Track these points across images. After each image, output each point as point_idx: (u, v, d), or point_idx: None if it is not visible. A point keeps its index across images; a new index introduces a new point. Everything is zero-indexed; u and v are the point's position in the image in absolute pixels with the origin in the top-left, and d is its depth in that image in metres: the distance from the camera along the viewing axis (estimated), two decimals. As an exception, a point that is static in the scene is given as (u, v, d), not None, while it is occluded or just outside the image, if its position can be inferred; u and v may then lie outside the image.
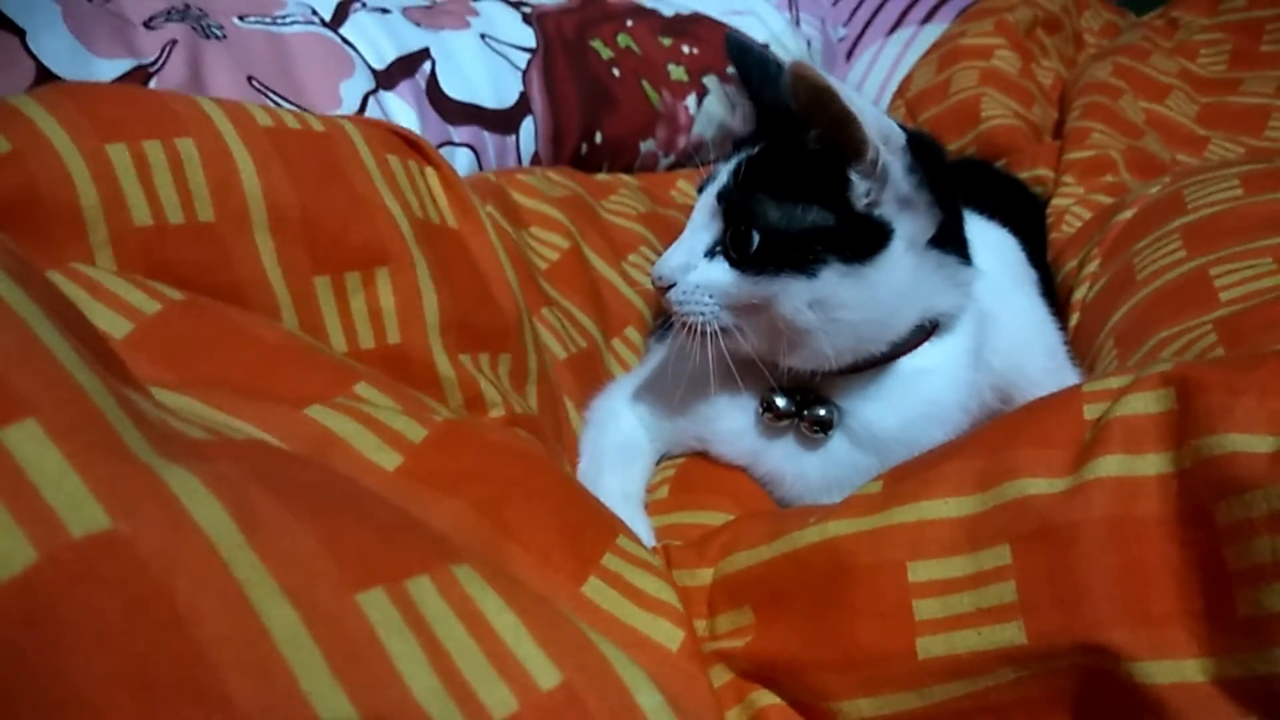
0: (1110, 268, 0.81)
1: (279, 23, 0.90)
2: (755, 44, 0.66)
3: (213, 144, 0.51)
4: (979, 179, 1.03)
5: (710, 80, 1.23)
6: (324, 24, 0.93)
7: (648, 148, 1.18)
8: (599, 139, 1.12)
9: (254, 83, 0.83)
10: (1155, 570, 0.40)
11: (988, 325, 0.64)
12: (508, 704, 0.30)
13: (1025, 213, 0.98)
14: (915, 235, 0.58)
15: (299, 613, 0.28)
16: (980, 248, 0.64)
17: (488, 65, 1.03)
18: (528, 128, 1.04)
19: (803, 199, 0.56)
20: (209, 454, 0.32)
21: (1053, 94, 1.35)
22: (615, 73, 1.15)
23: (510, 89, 1.04)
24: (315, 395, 0.44)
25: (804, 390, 0.62)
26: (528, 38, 1.10)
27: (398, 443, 0.43)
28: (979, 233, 0.65)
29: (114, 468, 0.28)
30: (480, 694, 0.30)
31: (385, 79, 0.93)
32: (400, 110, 0.92)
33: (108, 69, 0.75)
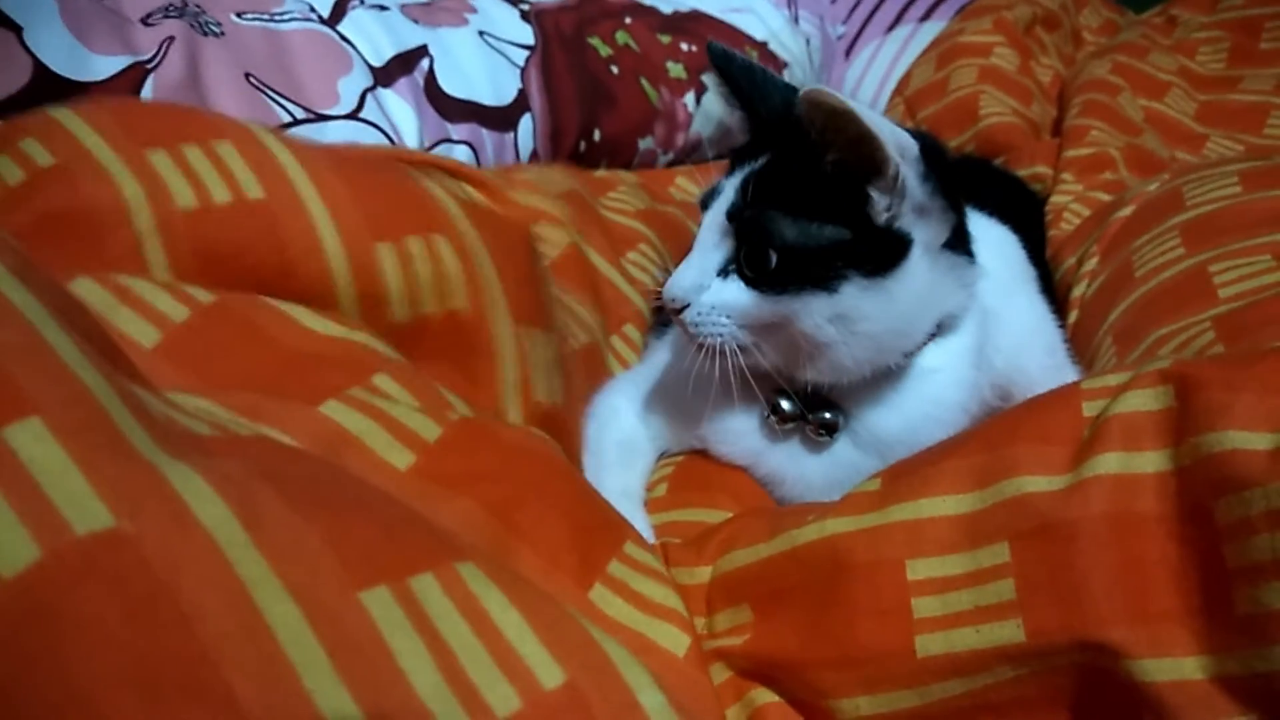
0: (1109, 265, 0.81)
1: (277, 20, 0.89)
2: (738, 53, 0.66)
3: (252, 144, 0.52)
4: (978, 177, 1.03)
5: (709, 78, 1.23)
6: (322, 21, 0.93)
7: (646, 145, 1.18)
8: (597, 136, 1.12)
9: (251, 80, 0.82)
10: (1154, 568, 0.40)
11: (990, 323, 0.64)
12: (511, 702, 0.30)
13: (1024, 210, 0.98)
14: (931, 241, 0.58)
15: (302, 610, 0.28)
16: (982, 245, 0.64)
17: (486, 62, 1.03)
18: (526, 125, 1.04)
19: (819, 215, 0.56)
20: (214, 450, 0.32)
21: (1051, 91, 1.35)
22: (614, 70, 1.15)
23: (508, 86, 1.04)
24: (332, 389, 0.43)
25: (810, 393, 0.62)
26: (526, 35, 1.10)
27: (412, 441, 0.43)
28: (980, 230, 0.65)
29: (118, 466, 0.28)
30: (484, 692, 0.30)
31: (383, 76, 0.93)
32: (398, 107, 0.92)
33: (105, 65, 0.74)
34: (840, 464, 0.62)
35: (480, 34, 1.06)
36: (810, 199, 0.56)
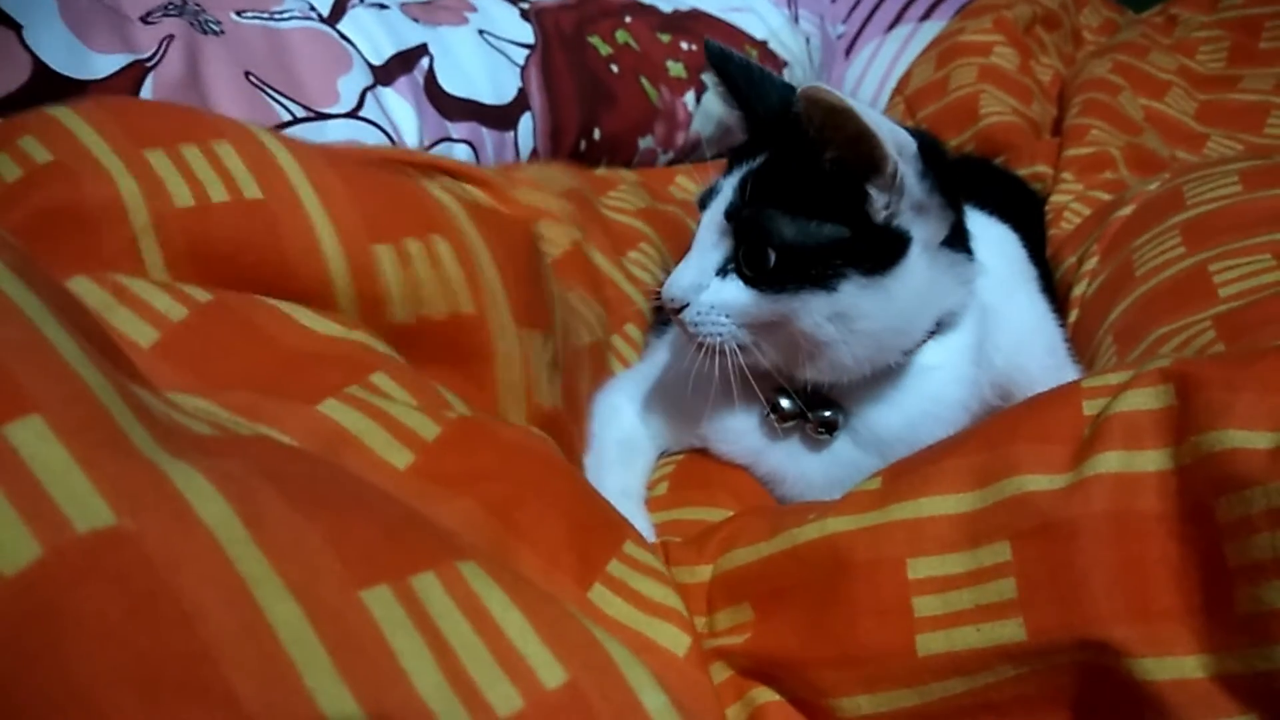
0: (1109, 264, 0.81)
1: (276, 18, 0.89)
2: (735, 52, 0.66)
3: (251, 145, 0.52)
4: (978, 176, 1.04)
5: (709, 77, 1.23)
6: (321, 20, 0.93)
7: (646, 144, 1.18)
8: (597, 135, 1.12)
9: (251, 78, 0.82)
10: (1155, 567, 0.40)
11: (990, 321, 0.64)
12: (513, 702, 0.30)
13: (1024, 210, 0.98)
14: (930, 239, 0.58)
15: (303, 609, 0.28)
16: (982, 244, 0.64)
17: (486, 61, 1.03)
18: (526, 124, 1.04)
19: (817, 214, 0.56)
20: (215, 450, 0.32)
21: (1051, 91, 1.35)
22: (614, 69, 1.15)
23: (508, 85, 1.04)
24: (331, 388, 0.43)
25: (810, 392, 0.62)
26: (526, 34, 1.10)
27: (410, 440, 0.43)
28: (981, 229, 0.65)
29: (119, 464, 0.28)
30: (485, 691, 0.30)
31: (383, 75, 0.93)
32: (398, 106, 0.92)
33: (104, 64, 0.74)
34: (840, 462, 0.62)
35: (480, 33, 1.06)
36: (809, 197, 0.56)
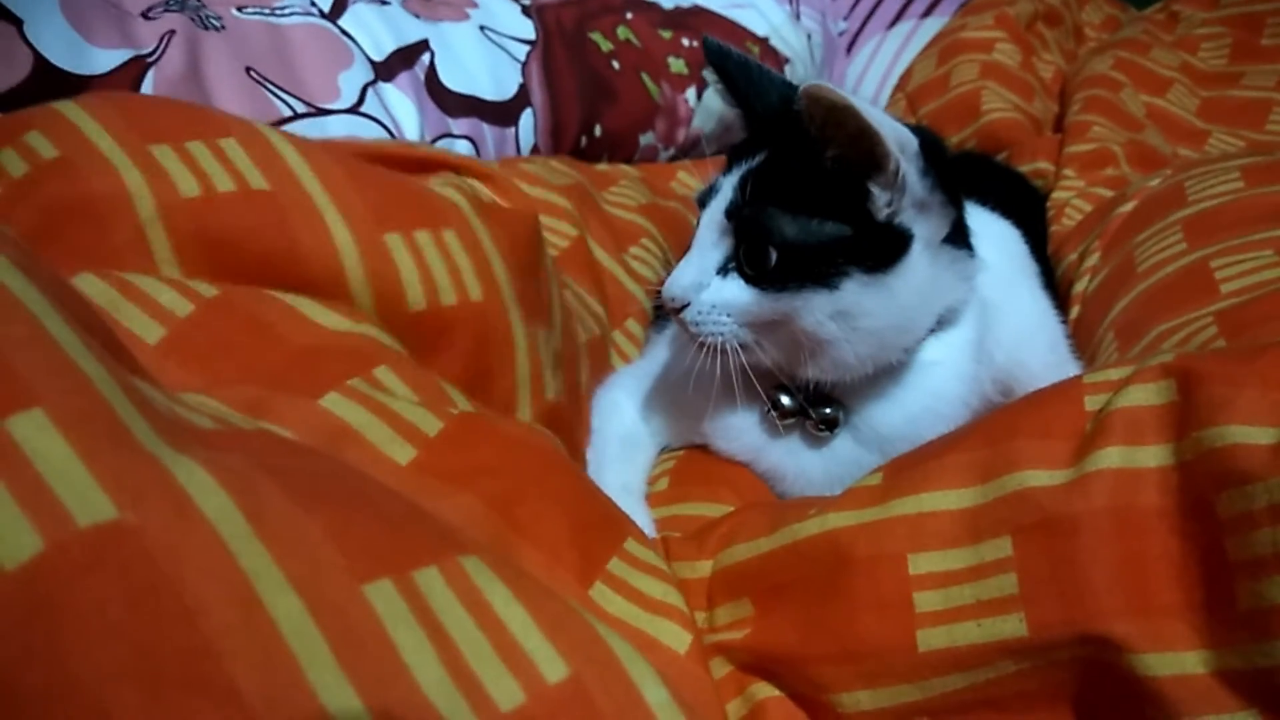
0: (1111, 260, 0.81)
1: (277, 14, 0.89)
2: (734, 49, 0.65)
3: (256, 140, 0.52)
4: (980, 172, 1.03)
5: (710, 73, 1.22)
6: (322, 15, 0.93)
7: (647, 141, 1.18)
8: (598, 132, 1.12)
9: (252, 74, 0.82)
10: (1156, 562, 0.40)
11: (990, 316, 0.64)
12: (515, 696, 0.30)
13: (1026, 206, 0.98)
14: (931, 236, 0.58)
15: (305, 603, 0.28)
16: (984, 240, 0.64)
17: (487, 57, 1.03)
18: (527, 120, 1.04)
19: (819, 212, 0.56)
20: (217, 443, 0.32)
21: (1053, 87, 1.35)
22: (615, 65, 1.15)
23: (509, 81, 1.04)
24: (333, 381, 0.43)
25: (810, 389, 0.62)
26: (527, 30, 1.09)
27: (412, 435, 0.43)
28: (982, 225, 0.65)
29: (121, 458, 0.28)
30: (487, 686, 0.30)
31: (384, 70, 0.93)
32: (399, 102, 0.92)
33: (105, 59, 0.74)
34: (841, 459, 0.62)
35: (481, 29, 1.06)
36: (810, 195, 0.56)
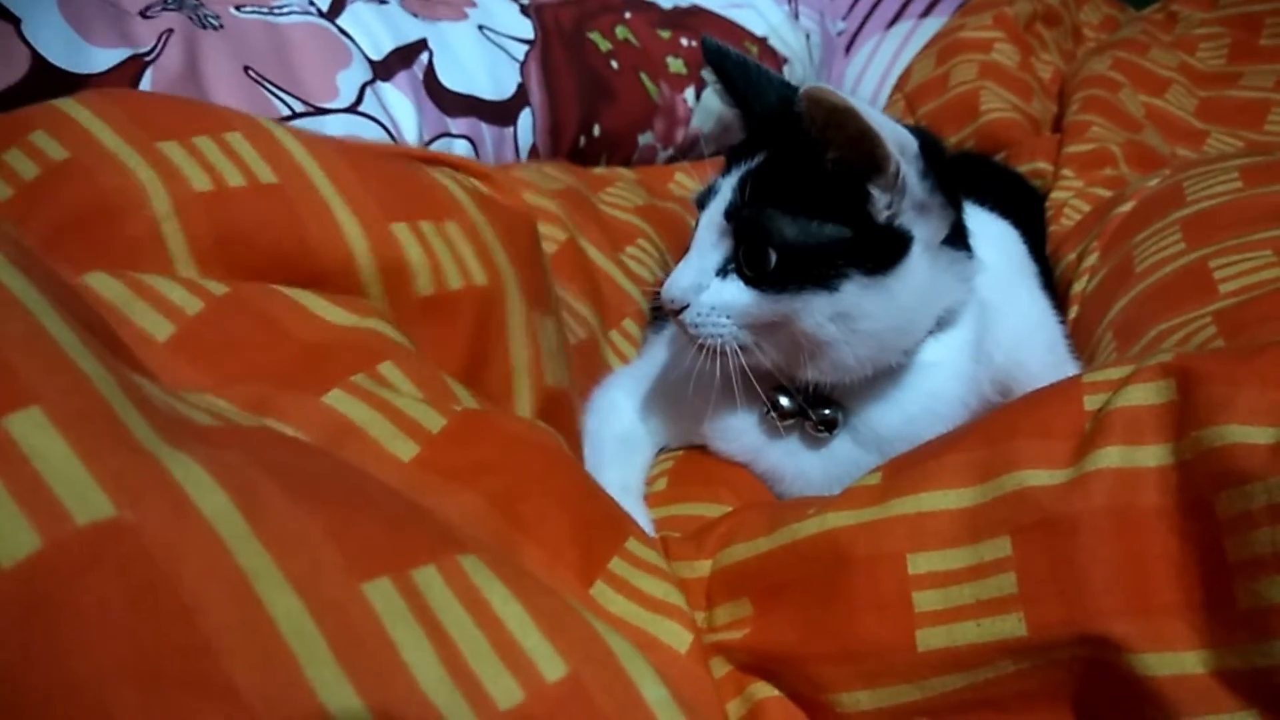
0: (1109, 260, 0.81)
1: (276, 13, 0.89)
2: (732, 49, 0.65)
3: (261, 135, 0.53)
4: (978, 172, 1.03)
5: (709, 73, 1.22)
6: (321, 14, 0.93)
7: (646, 140, 1.18)
8: (597, 131, 1.12)
9: (250, 73, 0.82)
10: (1155, 562, 0.40)
11: (989, 316, 0.64)
12: (514, 695, 0.30)
13: (1024, 206, 0.98)
14: (931, 238, 0.58)
15: (304, 602, 0.28)
16: (982, 240, 0.64)
17: (485, 57, 1.03)
18: (525, 120, 1.04)
19: (818, 213, 0.56)
20: (216, 440, 0.32)
21: (1052, 88, 1.35)
22: (613, 65, 1.15)
23: (508, 81, 1.04)
24: (337, 377, 0.43)
25: (809, 390, 0.62)
26: (526, 29, 1.09)
27: (415, 432, 0.43)
28: (981, 225, 0.65)
29: (119, 456, 0.28)
30: (486, 684, 0.30)
31: (382, 70, 0.93)
32: (398, 101, 0.92)
33: (103, 58, 0.74)
34: (840, 460, 0.62)
35: (480, 28, 1.06)
36: (810, 197, 0.56)
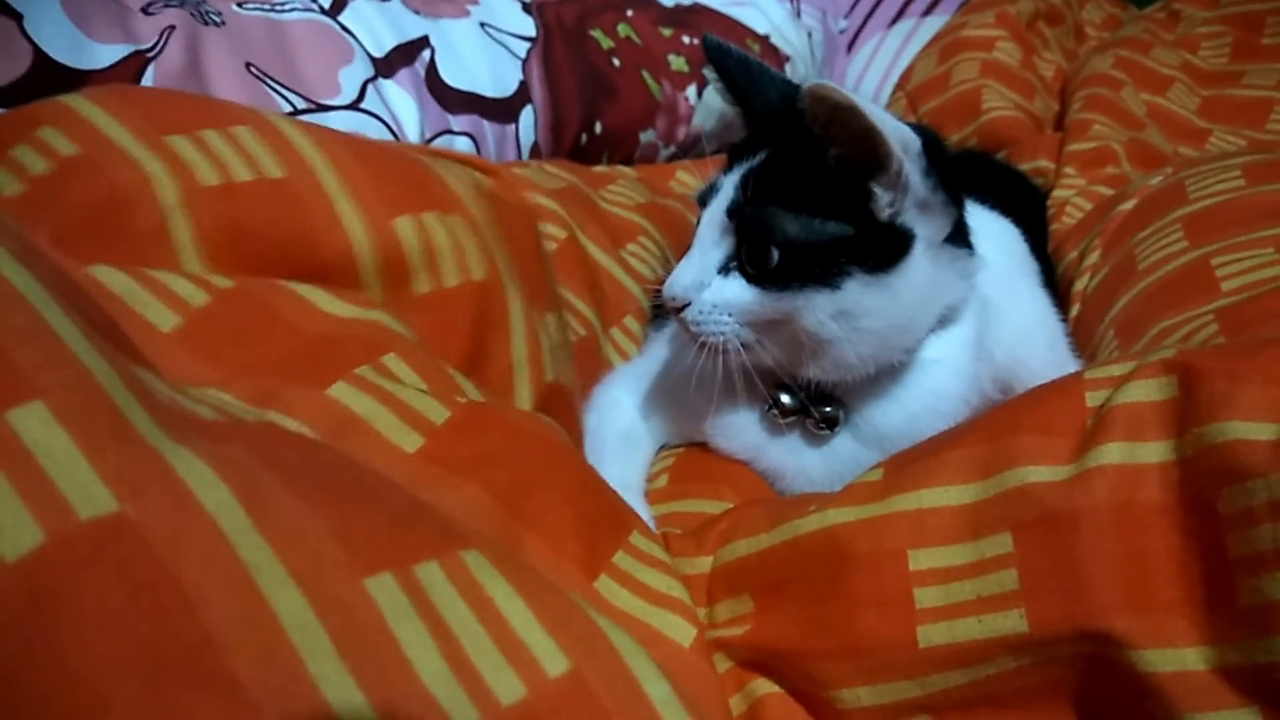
0: (1111, 258, 0.81)
1: (278, 9, 0.89)
2: (733, 47, 0.65)
3: (268, 129, 0.53)
4: (980, 171, 1.03)
5: (710, 71, 1.22)
6: (323, 11, 0.92)
7: (648, 138, 1.18)
8: (599, 129, 1.11)
9: (252, 69, 0.82)
10: (1157, 558, 0.40)
11: (990, 314, 0.64)
12: (516, 690, 0.30)
13: (1026, 204, 0.97)
14: (933, 236, 0.58)
15: (307, 597, 0.28)
16: (984, 239, 0.64)
17: (487, 54, 1.03)
18: (527, 117, 1.04)
19: (821, 211, 0.56)
20: (218, 435, 0.32)
21: (1054, 86, 1.35)
22: (615, 63, 1.14)
23: (510, 78, 1.04)
24: (342, 370, 0.44)
25: (811, 387, 0.62)
26: (527, 26, 1.09)
27: (419, 424, 0.43)
28: (983, 224, 0.65)
29: (121, 451, 0.28)
30: (488, 680, 0.30)
31: (384, 67, 0.93)
32: (399, 98, 0.92)
33: (105, 54, 0.74)
34: (841, 457, 0.62)
35: (481, 25, 1.05)
36: (812, 195, 0.56)
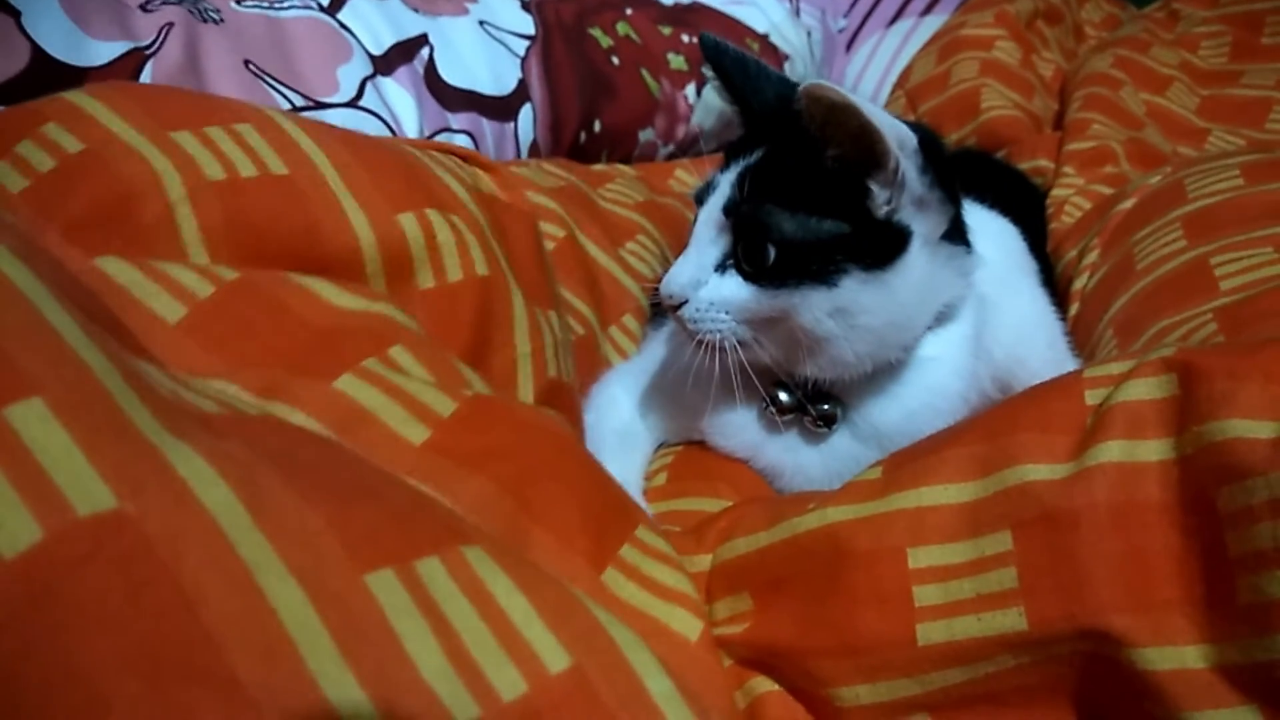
0: (1110, 258, 0.81)
1: (276, 7, 0.89)
2: (730, 45, 0.66)
3: (271, 126, 0.53)
4: (979, 170, 1.03)
5: (709, 70, 1.22)
6: (322, 9, 0.92)
7: (646, 137, 1.18)
8: (598, 127, 1.11)
9: (251, 67, 0.82)
10: (1156, 556, 0.40)
11: (989, 312, 0.64)
12: (517, 686, 0.30)
13: (1025, 203, 0.98)
14: (930, 234, 0.58)
15: (306, 593, 0.28)
16: (983, 238, 0.64)
17: (486, 52, 1.03)
18: (526, 115, 1.04)
19: (818, 209, 0.56)
20: (220, 430, 0.32)
21: (1053, 85, 1.35)
22: (614, 61, 1.14)
23: (509, 76, 1.03)
24: (348, 362, 0.44)
25: (808, 384, 0.62)
26: (526, 25, 1.09)
27: (426, 416, 0.43)
28: (981, 223, 0.65)
29: (120, 447, 0.28)
30: (489, 676, 0.30)
31: (383, 65, 0.92)
32: (398, 96, 0.92)
33: (103, 51, 0.74)
34: (839, 455, 0.62)
35: (481, 23, 1.05)
36: (809, 193, 0.56)
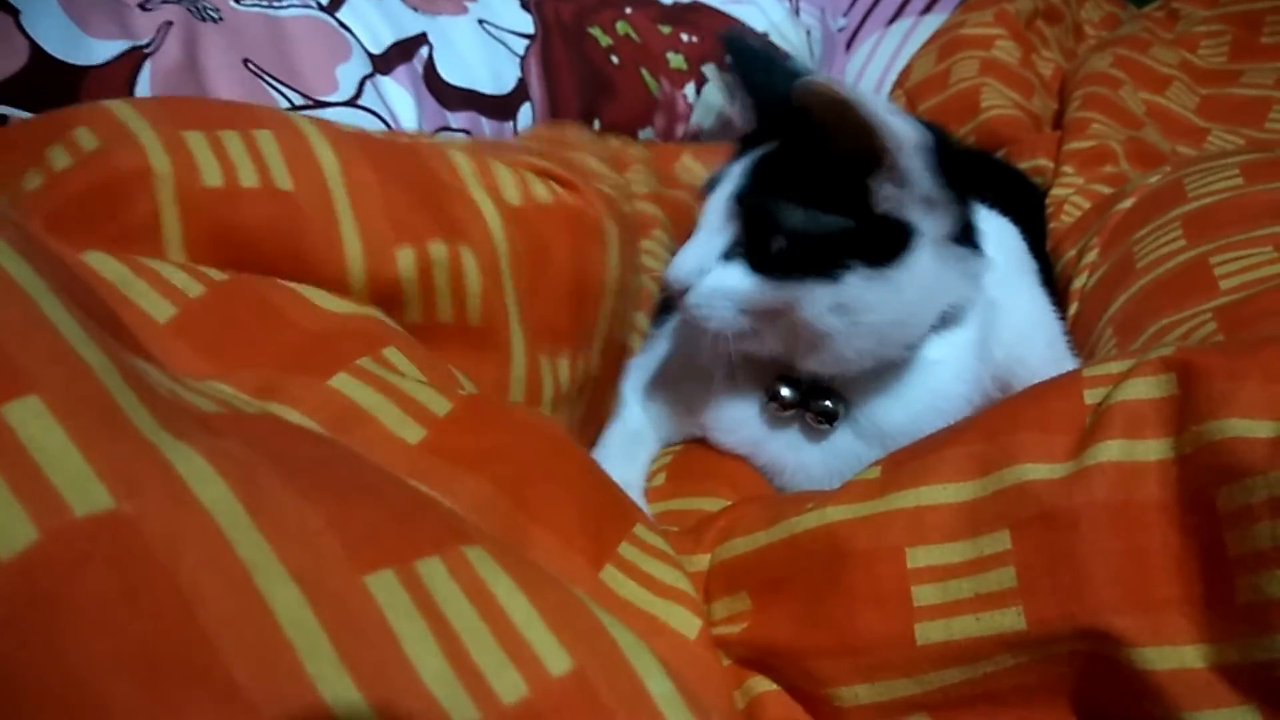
0: (1109, 257, 0.81)
1: (275, 6, 0.89)
2: (752, 39, 0.65)
3: (291, 134, 0.52)
4: (979, 169, 1.03)
5: (709, 69, 1.22)
6: (321, 8, 0.92)
7: (646, 136, 1.18)
8: (597, 126, 1.11)
9: (250, 66, 0.82)
10: (1156, 556, 0.40)
11: (993, 315, 0.64)
12: (518, 689, 0.30)
13: (1025, 203, 0.98)
14: (937, 234, 0.58)
15: (305, 594, 0.28)
16: (982, 237, 0.64)
17: (486, 51, 1.03)
18: (525, 114, 1.04)
19: (824, 203, 0.56)
20: (218, 429, 0.32)
21: (1053, 85, 1.35)
22: (614, 60, 1.14)
23: (508, 75, 1.03)
24: (343, 362, 0.43)
25: (810, 381, 0.62)
26: (526, 24, 1.09)
27: (421, 415, 0.43)
28: (982, 222, 0.65)
29: (118, 446, 0.28)
30: (490, 678, 0.30)
31: (382, 63, 0.92)
32: (397, 95, 0.92)
33: (102, 50, 0.74)
34: (840, 453, 0.62)
35: (480, 22, 1.05)
36: (817, 186, 0.56)
